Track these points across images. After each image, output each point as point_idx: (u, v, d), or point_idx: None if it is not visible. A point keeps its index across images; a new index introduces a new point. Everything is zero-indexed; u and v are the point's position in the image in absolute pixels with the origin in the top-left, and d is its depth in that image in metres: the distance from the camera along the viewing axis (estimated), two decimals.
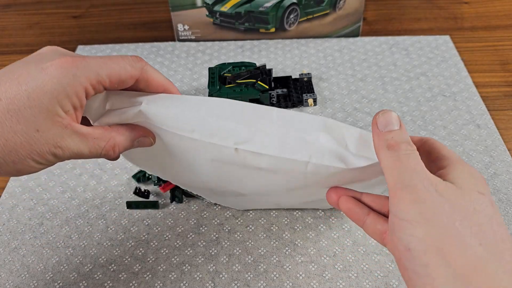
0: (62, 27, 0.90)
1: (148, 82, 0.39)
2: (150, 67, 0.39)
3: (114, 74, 0.36)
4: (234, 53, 0.81)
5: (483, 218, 0.32)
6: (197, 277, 0.50)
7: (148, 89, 0.40)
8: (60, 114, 0.34)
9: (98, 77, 0.35)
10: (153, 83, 0.39)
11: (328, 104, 0.70)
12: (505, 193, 0.56)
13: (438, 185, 0.33)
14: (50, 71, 0.33)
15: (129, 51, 0.82)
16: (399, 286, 0.48)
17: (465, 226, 0.31)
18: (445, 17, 0.88)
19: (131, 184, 0.59)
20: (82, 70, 0.34)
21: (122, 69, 0.36)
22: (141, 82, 0.39)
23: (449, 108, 0.68)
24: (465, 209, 0.32)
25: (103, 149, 0.37)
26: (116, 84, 0.37)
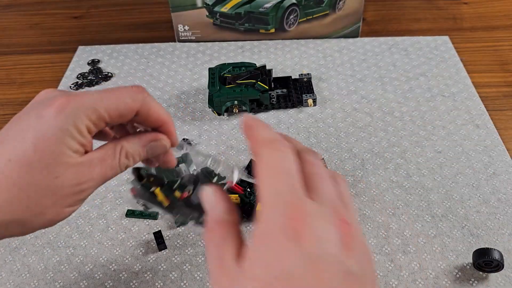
0: (63, 27, 0.90)
1: (148, 115, 0.37)
2: (151, 98, 0.37)
3: (113, 108, 0.35)
4: (234, 54, 0.81)
5: None
6: (197, 276, 0.50)
7: (147, 122, 0.38)
8: (70, 155, 0.33)
9: (97, 113, 0.34)
10: (153, 116, 0.37)
11: (327, 104, 0.70)
12: (504, 193, 0.57)
13: None
14: (49, 118, 0.33)
15: (129, 51, 0.83)
16: (398, 286, 0.48)
17: None
18: (444, 18, 0.88)
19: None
20: (79, 109, 0.33)
21: (121, 102, 0.35)
22: (141, 115, 0.37)
23: (448, 108, 0.68)
24: None
25: (119, 162, 0.36)
26: (116, 118, 0.35)
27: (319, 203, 0.27)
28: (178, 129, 0.67)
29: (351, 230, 0.26)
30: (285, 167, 0.27)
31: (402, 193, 0.57)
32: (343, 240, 0.26)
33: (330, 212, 0.27)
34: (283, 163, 0.27)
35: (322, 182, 0.28)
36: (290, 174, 0.27)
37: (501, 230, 0.53)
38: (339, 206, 0.28)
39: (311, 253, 0.25)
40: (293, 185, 0.27)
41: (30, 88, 0.77)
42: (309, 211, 0.26)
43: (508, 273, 0.49)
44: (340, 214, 0.27)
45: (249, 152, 0.63)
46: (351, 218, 0.28)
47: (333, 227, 0.26)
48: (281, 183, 0.26)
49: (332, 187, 0.28)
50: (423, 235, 0.53)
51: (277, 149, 0.28)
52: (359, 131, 0.66)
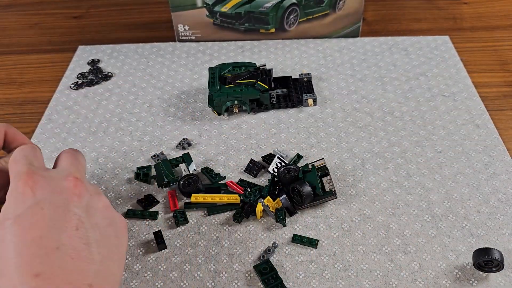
0: (63, 27, 0.90)
1: None
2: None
3: None
4: (234, 54, 0.81)
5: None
6: (197, 276, 0.50)
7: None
8: None
9: None
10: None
11: (327, 104, 0.70)
12: (504, 193, 0.57)
13: None
14: None
15: (130, 51, 0.83)
16: (398, 286, 0.48)
17: None
18: (444, 18, 0.88)
19: (132, 184, 0.60)
20: None
21: None
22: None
23: (448, 108, 0.68)
24: None
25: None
26: None
27: (55, 170, 0.39)
28: (178, 129, 0.67)
29: (78, 181, 0.38)
30: (25, 156, 0.39)
31: (402, 193, 0.57)
32: (70, 188, 0.37)
33: (64, 173, 0.39)
34: (23, 155, 0.39)
35: (65, 161, 0.41)
36: (30, 160, 0.39)
37: (501, 230, 0.53)
38: (77, 173, 0.39)
39: (39, 199, 0.36)
40: (30, 164, 0.38)
41: (30, 88, 0.77)
42: (41, 173, 0.37)
43: (508, 273, 0.49)
44: (75, 175, 0.39)
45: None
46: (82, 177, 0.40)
47: (62, 181, 0.38)
48: (21, 164, 0.38)
49: (76, 165, 0.40)
50: (423, 235, 0.53)
51: (20, 148, 0.40)
52: (359, 131, 0.66)
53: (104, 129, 0.68)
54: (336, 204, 0.56)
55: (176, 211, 0.56)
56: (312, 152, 0.63)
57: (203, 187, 0.58)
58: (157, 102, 0.72)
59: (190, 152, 0.63)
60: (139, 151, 0.64)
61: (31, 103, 0.74)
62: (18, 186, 0.36)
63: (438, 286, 0.48)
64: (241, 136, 0.66)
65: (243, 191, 0.57)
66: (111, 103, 0.72)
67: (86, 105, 0.72)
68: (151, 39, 0.86)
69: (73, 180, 0.38)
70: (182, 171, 0.61)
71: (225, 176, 0.60)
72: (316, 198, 0.55)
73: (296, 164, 0.59)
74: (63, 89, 0.75)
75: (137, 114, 0.70)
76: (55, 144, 0.66)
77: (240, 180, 0.59)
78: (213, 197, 0.56)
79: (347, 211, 0.55)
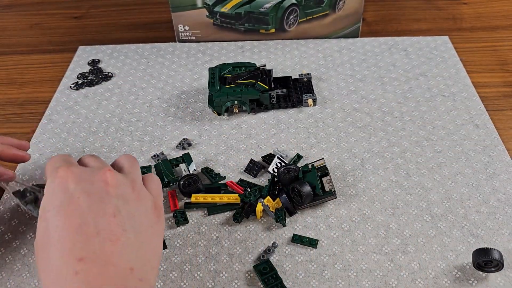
0: (63, 27, 0.91)
1: None
2: None
3: None
4: (234, 54, 0.81)
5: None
6: (197, 276, 0.50)
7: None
8: None
9: None
10: None
11: (327, 104, 0.70)
12: (504, 193, 0.57)
13: None
14: None
15: (130, 51, 0.83)
16: (398, 286, 0.48)
17: None
18: (444, 18, 0.88)
19: None
20: None
21: None
22: None
23: (448, 108, 0.69)
24: None
25: None
26: None
27: (88, 168, 0.41)
28: (178, 129, 0.67)
29: (111, 173, 0.40)
30: (61, 157, 0.42)
31: (402, 193, 0.57)
32: (104, 179, 0.39)
33: (96, 168, 0.40)
34: (59, 156, 0.42)
35: (92, 161, 0.43)
36: (64, 159, 0.41)
37: (501, 230, 0.53)
38: (106, 165, 0.42)
39: (74, 189, 0.38)
40: (65, 162, 0.41)
41: (30, 88, 0.77)
42: (75, 168, 0.40)
43: (508, 273, 0.49)
44: (107, 168, 0.40)
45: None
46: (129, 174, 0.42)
47: (95, 174, 0.39)
48: (56, 162, 0.41)
49: (101, 161, 0.43)
50: (423, 235, 0.53)
51: (56, 155, 0.43)
52: (359, 131, 0.66)
53: (105, 129, 0.68)
54: (336, 204, 0.56)
55: (176, 211, 0.56)
56: (312, 152, 0.63)
57: (203, 187, 0.58)
58: (157, 102, 0.72)
59: (190, 152, 0.63)
60: (140, 151, 0.64)
61: (31, 103, 0.74)
62: (54, 179, 0.39)
63: (437, 286, 0.48)
64: (241, 136, 0.66)
65: (243, 191, 0.58)
66: (111, 103, 0.72)
67: (86, 105, 0.72)
68: (151, 39, 0.86)
69: (107, 171, 0.40)
70: (182, 171, 0.61)
71: (225, 176, 0.60)
72: (316, 198, 0.55)
73: (296, 164, 0.60)
74: (63, 89, 0.75)
75: (137, 114, 0.70)
76: (55, 144, 0.66)
77: (240, 180, 0.60)
78: (213, 197, 0.56)
79: (347, 211, 0.56)
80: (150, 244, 0.39)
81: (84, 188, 0.38)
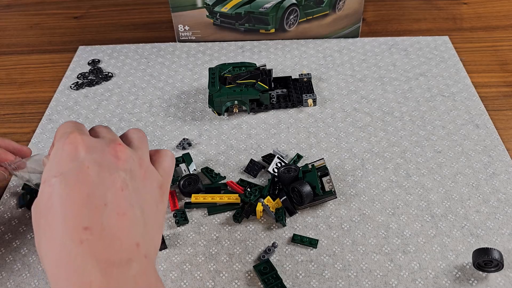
0: (63, 27, 0.91)
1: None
2: None
3: None
4: (234, 54, 0.81)
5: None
6: (197, 276, 0.50)
7: None
8: None
9: None
10: None
11: (327, 104, 0.70)
12: (504, 193, 0.57)
13: None
14: None
15: (130, 51, 0.83)
16: (398, 285, 0.48)
17: None
18: (444, 18, 0.88)
19: None
20: None
21: None
22: None
23: (448, 108, 0.69)
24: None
25: None
26: None
27: (99, 139, 0.40)
28: (178, 129, 0.67)
29: (121, 147, 0.39)
30: (73, 123, 0.40)
31: (402, 192, 0.57)
32: (114, 153, 0.38)
33: (106, 141, 0.39)
34: (71, 122, 0.40)
35: (104, 132, 0.41)
36: (76, 126, 0.40)
37: (501, 230, 0.53)
38: (117, 139, 0.40)
39: (84, 158, 0.36)
40: (77, 128, 0.39)
41: (30, 88, 0.77)
42: (87, 136, 0.38)
43: (508, 273, 0.49)
44: (117, 142, 0.39)
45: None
46: (137, 150, 0.40)
47: (106, 146, 0.38)
48: (67, 128, 0.39)
49: (113, 134, 0.41)
50: (423, 235, 0.53)
51: (69, 121, 0.41)
52: (359, 131, 0.66)
53: None
54: (336, 204, 0.56)
55: (176, 211, 0.56)
56: (312, 152, 0.63)
57: (203, 187, 0.58)
58: (157, 102, 0.72)
59: (190, 152, 0.63)
60: None
61: (31, 103, 0.74)
62: (64, 144, 0.37)
63: (437, 286, 0.48)
64: (241, 136, 0.66)
65: (243, 191, 0.58)
66: (111, 103, 0.72)
67: (86, 105, 0.72)
68: (151, 39, 0.86)
69: (118, 145, 0.39)
70: (182, 171, 0.61)
71: (225, 176, 0.60)
72: (316, 198, 0.55)
73: (296, 164, 0.60)
74: (63, 89, 0.75)
75: (137, 114, 0.70)
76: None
77: (240, 180, 0.60)
78: (213, 197, 0.56)
79: (347, 211, 0.56)
80: (154, 223, 0.38)
81: (94, 158, 0.37)
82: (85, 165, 0.36)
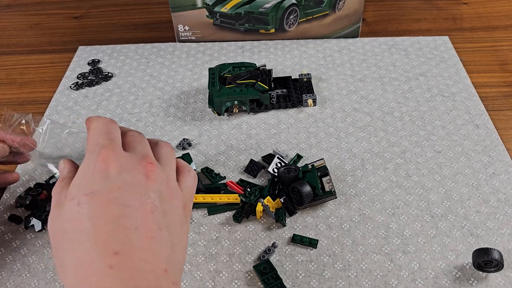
0: (63, 27, 0.91)
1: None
2: None
3: None
4: (234, 54, 0.81)
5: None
6: (197, 276, 0.50)
7: None
8: None
9: None
10: None
11: (327, 104, 0.70)
12: (504, 193, 0.57)
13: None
14: None
15: (130, 51, 0.83)
16: (398, 286, 0.48)
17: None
18: (444, 18, 0.88)
19: None
20: None
21: None
22: None
23: (448, 108, 0.69)
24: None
25: None
26: None
27: (130, 153, 0.38)
28: (178, 129, 0.67)
29: (153, 167, 0.38)
30: (107, 129, 0.39)
31: (402, 193, 0.57)
32: (145, 172, 0.37)
33: (138, 157, 0.38)
34: (105, 128, 0.39)
35: (136, 143, 0.40)
36: (109, 134, 0.38)
37: (501, 230, 0.53)
38: (149, 156, 0.39)
39: (115, 177, 0.35)
40: (110, 139, 0.38)
41: (30, 88, 0.77)
42: (118, 152, 0.37)
43: (508, 273, 0.49)
44: (148, 159, 0.38)
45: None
46: (166, 167, 0.39)
47: (137, 164, 0.37)
48: (101, 138, 0.38)
49: (145, 146, 0.40)
50: (423, 235, 0.53)
51: (102, 120, 0.39)
52: (359, 131, 0.66)
53: None
54: (336, 204, 0.56)
55: None
56: (312, 152, 0.63)
57: (203, 187, 0.58)
58: (157, 102, 0.72)
59: (190, 152, 0.63)
60: None
61: (31, 103, 0.74)
62: (96, 161, 0.36)
63: (437, 286, 0.48)
64: (241, 136, 0.66)
65: (243, 191, 0.58)
66: (111, 103, 0.72)
67: (86, 105, 0.72)
68: (151, 39, 0.86)
69: (149, 165, 0.38)
70: None
71: (225, 176, 0.60)
72: (316, 198, 0.55)
73: (296, 164, 0.60)
74: (63, 90, 0.75)
75: (137, 114, 0.70)
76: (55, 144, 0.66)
77: (240, 180, 0.60)
78: (213, 197, 0.56)
79: (347, 211, 0.56)
80: (179, 245, 0.38)
81: (125, 179, 0.36)
82: (116, 185, 0.35)
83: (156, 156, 0.40)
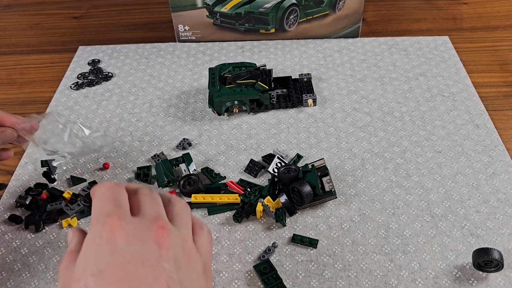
0: (63, 27, 0.91)
1: None
2: None
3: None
4: (234, 54, 0.81)
5: None
6: None
7: None
8: None
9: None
10: None
11: (327, 104, 0.70)
12: (504, 193, 0.57)
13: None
14: None
15: (130, 51, 0.83)
16: (398, 285, 0.48)
17: None
18: (444, 18, 0.88)
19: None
20: None
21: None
22: None
23: (448, 108, 0.69)
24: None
25: None
26: None
27: (139, 218, 0.34)
28: (178, 129, 0.67)
29: (165, 231, 0.33)
30: (112, 195, 0.35)
31: (402, 193, 0.57)
32: (156, 239, 0.33)
33: (148, 221, 0.34)
34: (110, 193, 0.35)
35: (146, 203, 0.36)
36: (115, 199, 0.35)
37: (501, 230, 0.53)
38: (161, 218, 0.35)
39: (123, 250, 0.32)
40: (116, 205, 0.34)
41: (30, 88, 0.77)
42: (125, 219, 0.33)
43: (508, 273, 0.49)
44: (160, 223, 0.34)
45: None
46: (180, 228, 0.35)
47: (147, 230, 0.33)
48: (106, 205, 0.34)
49: (156, 206, 0.36)
50: (423, 235, 0.53)
51: (107, 186, 0.36)
52: (359, 131, 0.66)
53: (105, 129, 0.68)
54: (336, 204, 0.56)
55: None
56: (312, 152, 0.63)
57: (203, 187, 0.58)
58: (157, 102, 0.72)
59: (190, 152, 0.63)
60: (140, 151, 0.64)
61: (31, 103, 0.74)
62: (101, 231, 0.33)
63: (437, 286, 0.48)
64: (241, 136, 0.66)
65: (243, 191, 0.58)
66: (112, 103, 0.72)
67: (86, 105, 0.72)
68: (151, 39, 0.86)
69: (160, 229, 0.34)
70: (182, 171, 0.61)
71: (225, 176, 0.60)
72: (316, 198, 0.55)
73: (296, 164, 0.60)
74: (63, 89, 0.75)
75: (137, 114, 0.70)
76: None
77: (240, 180, 0.60)
78: (213, 197, 0.56)
79: (347, 211, 0.56)
80: None
81: (135, 250, 0.32)
82: (125, 259, 0.32)
83: (169, 216, 0.36)
